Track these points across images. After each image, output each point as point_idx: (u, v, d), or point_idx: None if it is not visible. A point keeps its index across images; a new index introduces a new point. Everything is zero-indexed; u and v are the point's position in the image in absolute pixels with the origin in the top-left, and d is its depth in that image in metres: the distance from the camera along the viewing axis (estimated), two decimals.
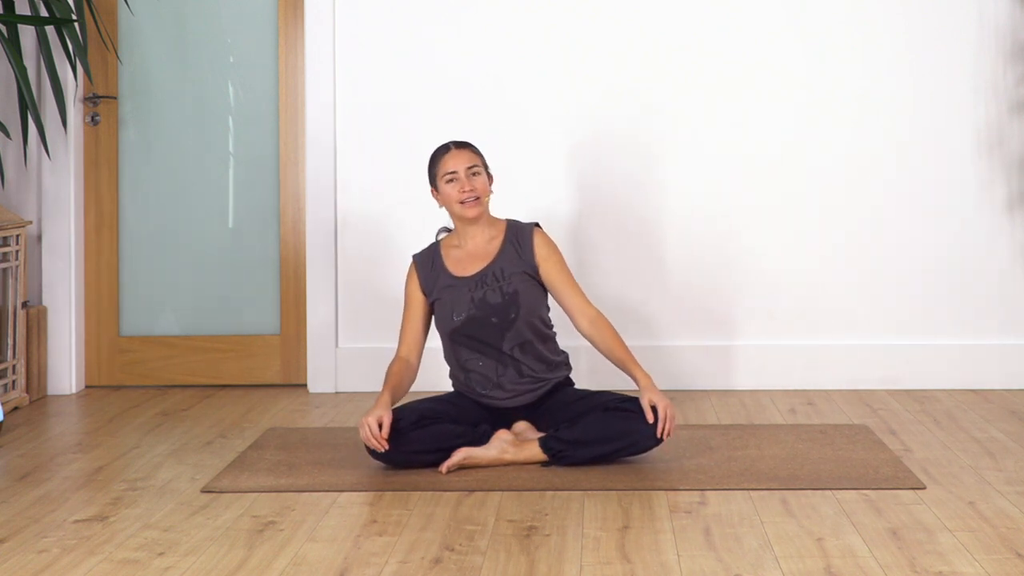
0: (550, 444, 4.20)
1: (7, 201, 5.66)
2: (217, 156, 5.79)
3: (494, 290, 4.35)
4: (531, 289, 4.38)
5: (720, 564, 3.25)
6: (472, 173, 4.37)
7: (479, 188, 4.36)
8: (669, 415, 4.17)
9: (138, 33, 5.78)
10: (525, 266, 4.39)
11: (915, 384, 5.60)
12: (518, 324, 4.33)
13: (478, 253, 4.42)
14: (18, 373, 5.36)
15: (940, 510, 3.72)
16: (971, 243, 5.59)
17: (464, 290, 4.36)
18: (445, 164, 4.37)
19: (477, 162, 4.39)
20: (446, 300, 4.37)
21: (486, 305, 4.34)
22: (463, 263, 4.41)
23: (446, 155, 4.39)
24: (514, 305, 4.34)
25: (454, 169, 4.36)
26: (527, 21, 5.63)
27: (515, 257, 4.39)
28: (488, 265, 4.38)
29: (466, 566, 3.26)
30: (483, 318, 4.33)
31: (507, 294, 4.34)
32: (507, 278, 4.37)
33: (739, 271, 5.63)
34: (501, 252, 4.40)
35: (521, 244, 4.41)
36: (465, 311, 4.34)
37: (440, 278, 4.40)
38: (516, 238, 4.42)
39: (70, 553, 3.40)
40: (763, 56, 5.60)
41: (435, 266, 4.43)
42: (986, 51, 5.57)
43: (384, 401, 4.19)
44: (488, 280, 4.36)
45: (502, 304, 4.33)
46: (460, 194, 4.34)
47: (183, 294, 5.81)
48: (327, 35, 5.64)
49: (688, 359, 5.62)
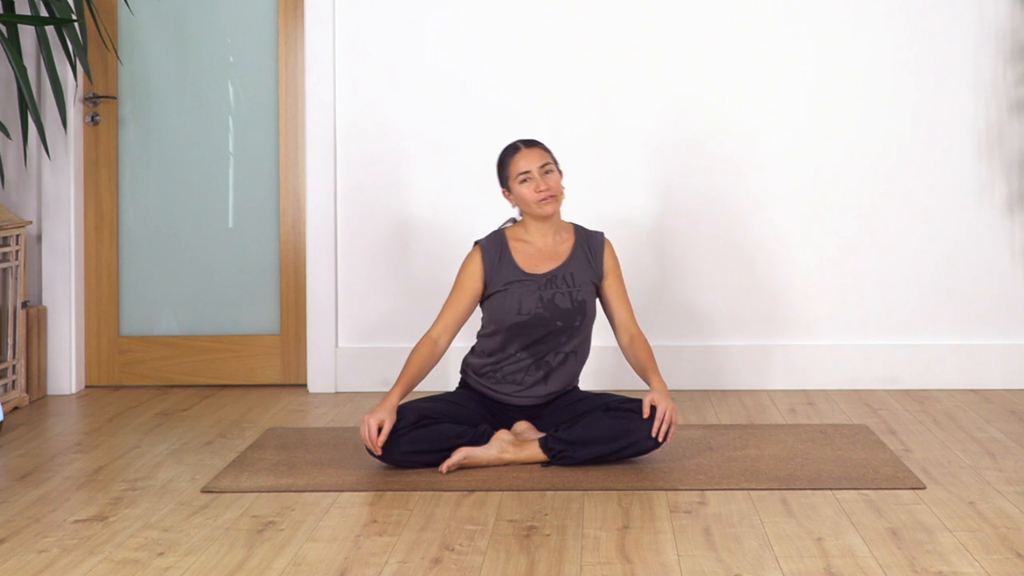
0: (550, 444, 4.20)
1: (7, 201, 5.66)
2: (217, 156, 5.79)
3: (563, 294, 4.34)
4: (594, 300, 4.40)
5: (720, 564, 3.25)
6: (545, 171, 4.33)
7: (554, 186, 4.32)
8: (668, 417, 4.17)
9: (138, 33, 5.78)
10: (593, 275, 4.38)
11: (915, 384, 5.60)
12: (578, 331, 4.35)
13: (548, 252, 4.39)
14: (18, 373, 5.36)
15: (940, 510, 3.72)
16: (971, 243, 5.60)
17: (533, 287, 4.33)
18: (517, 164, 4.33)
19: (548, 159, 4.36)
20: (513, 293, 4.34)
21: (555, 307, 4.32)
22: (533, 260, 4.37)
23: (516, 155, 4.35)
24: (581, 313, 4.34)
25: (527, 169, 4.32)
26: (527, 21, 5.63)
27: (585, 264, 4.38)
28: (559, 267, 4.36)
29: (466, 566, 3.26)
30: (549, 319, 4.32)
31: (576, 301, 4.34)
32: (577, 285, 4.35)
33: (738, 271, 5.63)
34: (573, 256, 4.38)
35: (592, 252, 4.40)
36: (532, 309, 4.32)
37: (507, 271, 4.36)
38: (587, 244, 4.41)
39: (70, 553, 3.40)
40: (762, 56, 5.60)
41: (502, 257, 4.37)
42: (986, 51, 5.57)
43: (391, 404, 4.17)
44: (558, 282, 4.35)
45: (571, 310, 4.33)
46: (536, 193, 4.30)
47: (183, 294, 5.81)
48: (327, 35, 5.64)
49: (688, 359, 5.62)
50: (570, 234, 4.43)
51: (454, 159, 5.65)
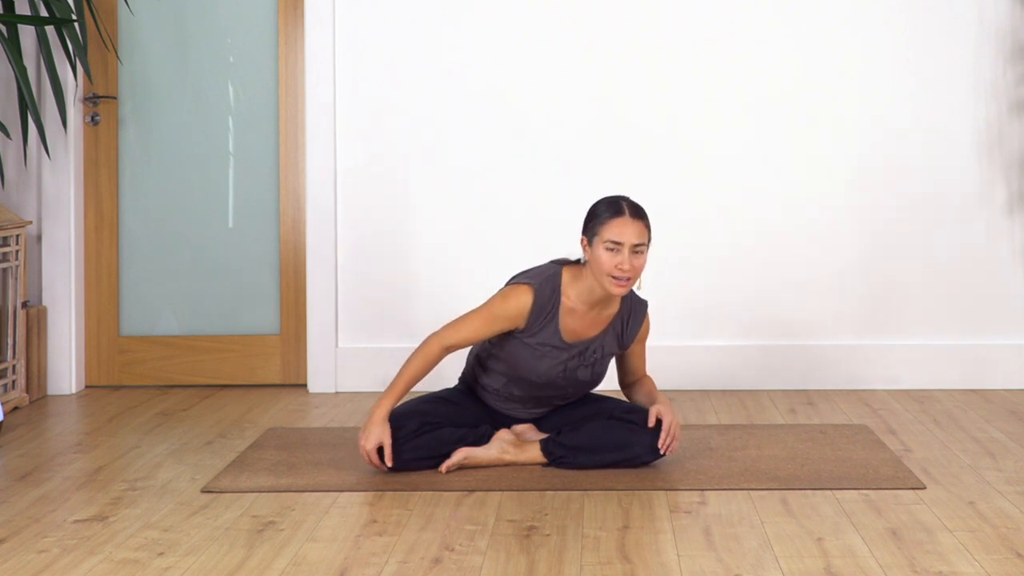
0: (551, 448, 4.20)
1: (7, 201, 5.66)
2: (217, 156, 5.79)
3: (587, 367, 4.17)
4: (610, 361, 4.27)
5: (720, 564, 3.25)
6: (636, 251, 3.98)
7: (637, 268, 3.98)
8: (673, 432, 4.15)
9: (138, 33, 5.78)
10: (621, 346, 4.21)
11: (915, 384, 5.60)
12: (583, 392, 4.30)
13: (591, 323, 4.14)
14: (18, 373, 5.36)
15: (940, 510, 3.72)
16: (971, 243, 5.60)
17: (562, 356, 4.13)
18: (612, 229, 3.96)
19: (645, 239, 3.99)
20: (540, 354, 4.13)
21: (573, 379, 4.19)
22: (575, 328, 4.12)
23: (617, 219, 3.98)
24: (596, 382, 4.24)
25: (620, 240, 3.96)
26: (527, 21, 5.63)
27: (615, 337, 4.17)
28: (594, 338, 4.15)
29: (466, 566, 3.25)
30: (563, 387, 4.22)
31: (596, 373, 4.20)
32: (604, 356, 4.18)
33: (738, 271, 5.63)
34: (609, 328, 4.16)
35: (631, 323, 4.18)
36: (551, 376, 4.17)
37: (547, 331, 4.10)
38: (627, 316, 4.17)
39: (70, 553, 3.40)
40: (762, 56, 5.60)
41: (550, 315, 4.09)
42: (986, 51, 5.57)
43: (381, 416, 4.08)
44: (587, 356, 4.15)
45: (588, 381, 4.22)
46: (616, 270, 3.96)
47: (183, 294, 5.81)
48: (327, 35, 5.64)
49: (688, 359, 5.62)
50: (617, 304, 4.17)
51: (454, 159, 5.64)
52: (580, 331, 4.14)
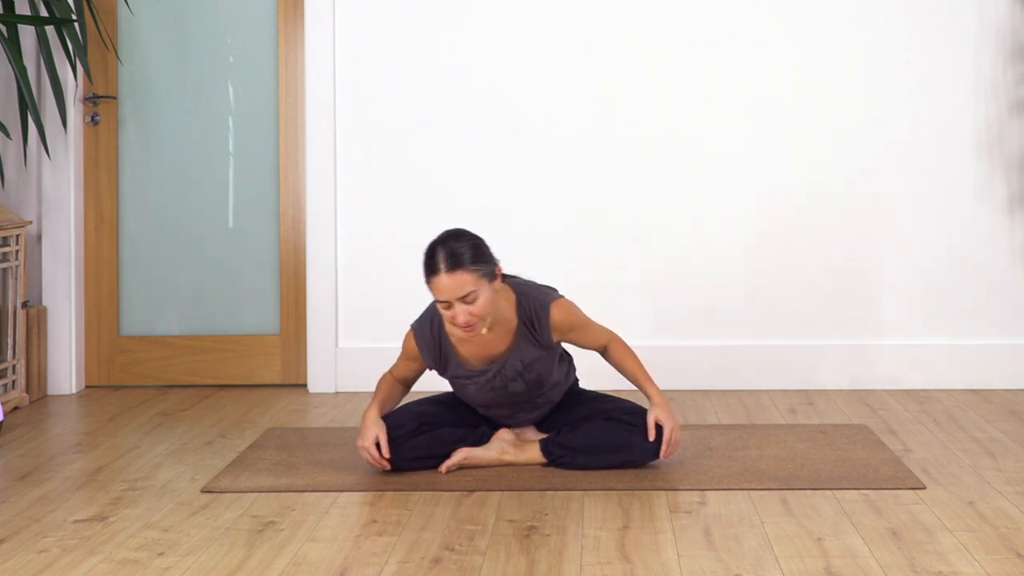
0: (550, 448, 4.20)
1: (7, 201, 5.66)
2: (217, 156, 5.79)
3: (516, 380, 4.12)
4: (549, 362, 4.14)
5: (720, 564, 3.25)
6: (467, 301, 3.88)
7: (478, 313, 3.89)
8: (674, 439, 4.13)
9: (138, 33, 5.78)
10: (543, 348, 4.10)
11: (915, 384, 5.60)
12: (545, 394, 4.23)
13: (491, 341, 4.08)
14: (18, 373, 5.36)
15: (940, 510, 3.72)
16: (971, 243, 5.60)
17: (482, 382, 4.12)
18: (435, 290, 3.88)
19: (470, 287, 3.86)
20: (462, 386, 4.15)
21: (509, 393, 4.16)
22: (476, 353, 4.09)
23: (434, 279, 3.87)
24: (538, 387, 4.17)
25: (445, 299, 3.88)
26: (527, 21, 5.63)
27: (532, 344, 4.08)
28: (505, 355, 4.09)
29: (466, 566, 3.25)
30: (507, 400, 4.20)
31: (529, 381, 4.13)
32: (527, 366, 4.10)
33: (738, 271, 5.63)
34: (517, 339, 4.07)
35: (537, 328, 4.06)
36: (486, 399, 4.18)
37: (451, 366, 4.12)
38: (530, 320, 4.06)
39: (70, 553, 3.40)
40: (762, 56, 5.60)
41: (442, 347, 4.12)
42: (986, 51, 5.57)
43: (373, 417, 4.12)
44: (508, 371, 4.10)
45: (526, 391, 4.17)
46: (452, 323, 3.92)
47: (183, 294, 5.81)
48: (327, 35, 5.64)
49: (688, 359, 5.62)
50: (512, 314, 4.06)
51: (454, 159, 5.64)
52: (483, 354, 4.09)
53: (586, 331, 4.16)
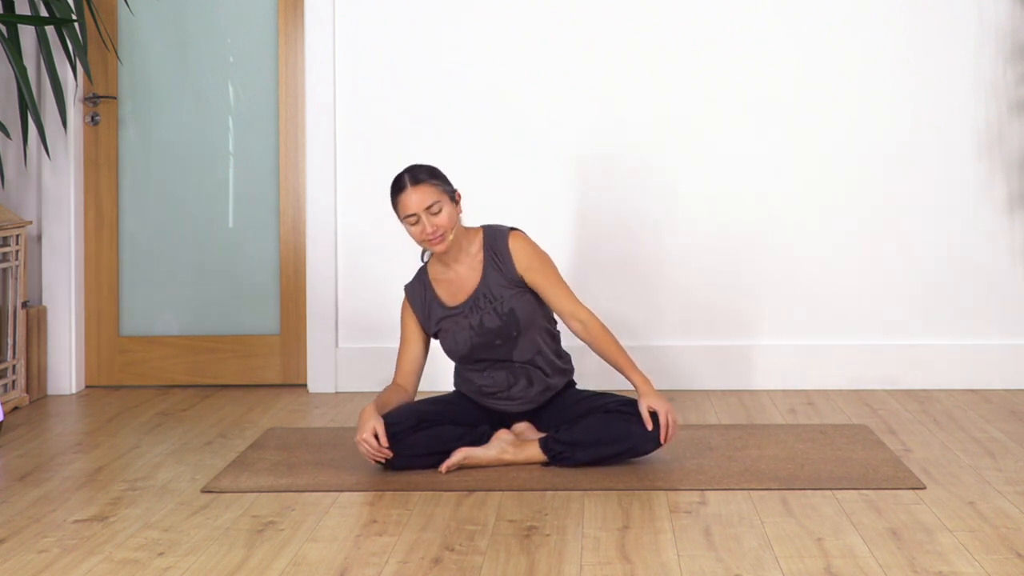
0: (550, 445, 4.20)
1: (7, 201, 5.66)
2: (217, 156, 5.79)
3: (489, 313, 4.25)
4: (524, 301, 4.27)
5: (720, 564, 3.25)
6: (432, 212, 4.16)
7: (442, 224, 4.16)
8: (671, 420, 4.16)
9: (138, 33, 5.78)
10: (509, 279, 4.26)
11: (915, 384, 5.60)
12: (522, 339, 4.28)
13: (464, 276, 4.29)
14: (18, 373, 5.36)
15: (940, 510, 3.72)
16: (971, 243, 5.60)
17: (461, 319, 4.26)
18: (402, 205, 4.16)
19: (435, 199, 4.15)
20: (447, 331, 4.30)
21: (486, 330, 4.26)
22: (453, 290, 4.30)
23: (401, 195, 4.17)
24: (513, 324, 4.25)
25: (412, 212, 4.15)
26: (527, 21, 5.63)
27: (497, 272, 4.26)
28: (477, 288, 4.27)
29: (466, 566, 3.26)
30: (487, 341, 4.27)
31: (503, 315, 4.24)
32: (498, 297, 4.25)
33: (738, 271, 5.63)
34: (484, 272, 4.27)
35: (499, 256, 4.26)
36: (468, 340, 4.27)
37: (434, 310, 4.31)
38: (493, 249, 4.27)
39: (70, 553, 3.40)
40: (761, 56, 5.60)
41: (427, 298, 4.32)
42: (986, 51, 5.57)
43: (370, 411, 4.14)
44: (481, 304, 4.26)
45: (502, 326, 4.25)
46: (423, 236, 4.17)
47: (183, 294, 5.81)
48: (327, 35, 5.64)
49: (688, 359, 5.62)
50: (479, 246, 4.30)
51: (454, 159, 5.64)
52: (459, 290, 4.30)
53: (551, 281, 4.28)
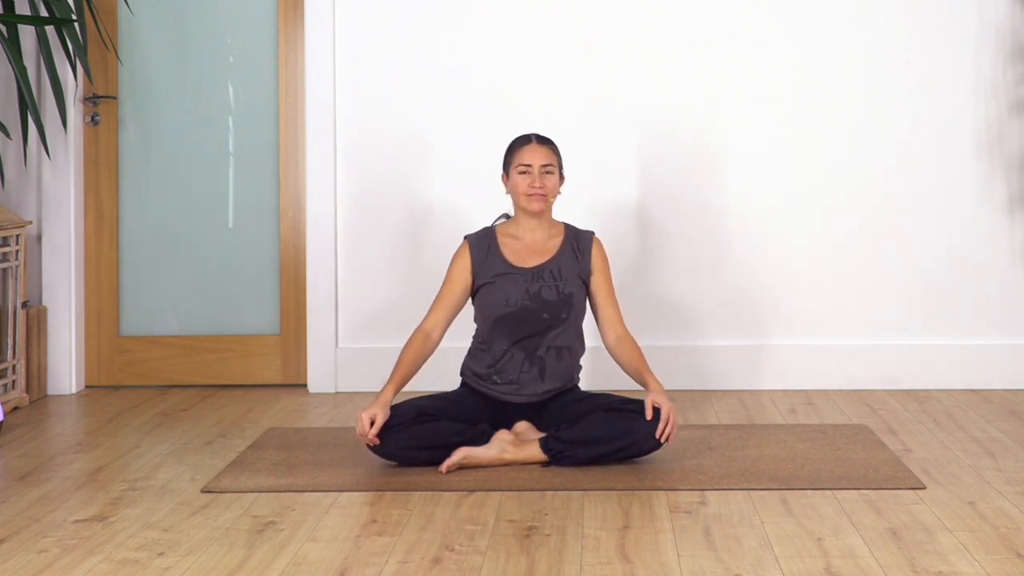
0: (550, 444, 4.20)
1: (7, 201, 5.66)
2: (217, 156, 5.79)
3: (550, 287, 4.38)
4: (582, 295, 4.44)
5: (720, 564, 3.25)
6: (546, 171, 4.41)
7: (548, 187, 4.40)
8: (672, 419, 4.17)
9: (138, 33, 5.78)
10: (581, 271, 4.43)
11: (915, 384, 5.60)
12: (566, 324, 4.37)
13: (536, 248, 4.44)
14: (18, 373, 5.36)
15: (940, 510, 3.72)
16: (971, 243, 5.60)
17: (520, 280, 4.38)
18: (522, 155, 4.41)
19: (553, 161, 4.43)
20: (500, 286, 4.38)
21: (541, 300, 4.37)
22: (521, 254, 4.43)
23: (526, 147, 4.43)
24: (568, 306, 4.38)
25: (529, 163, 4.39)
26: (527, 21, 5.63)
27: (573, 260, 4.44)
28: (547, 261, 4.42)
29: (466, 566, 3.26)
30: (536, 311, 4.36)
31: (563, 294, 4.38)
32: (564, 278, 4.41)
33: (738, 272, 5.63)
34: (561, 252, 4.44)
35: (580, 249, 4.45)
36: (519, 301, 4.36)
37: (495, 264, 4.41)
38: (576, 241, 4.47)
39: (70, 553, 3.40)
40: (761, 56, 5.60)
41: (491, 251, 4.44)
42: (986, 51, 5.57)
43: (384, 399, 4.18)
44: (545, 276, 4.40)
45: (557, 302, 4.37)
46: (529, 188, 4.37)
47: (183, 294, 5.81)
48: (327, 35, 5.64)
49: (687, 359, 5.62)
50: (560, 232, 4.49)
51: (454, 159, 5.65)
52: (527, 257, 4.43)
53: (609, 288, 4.47)
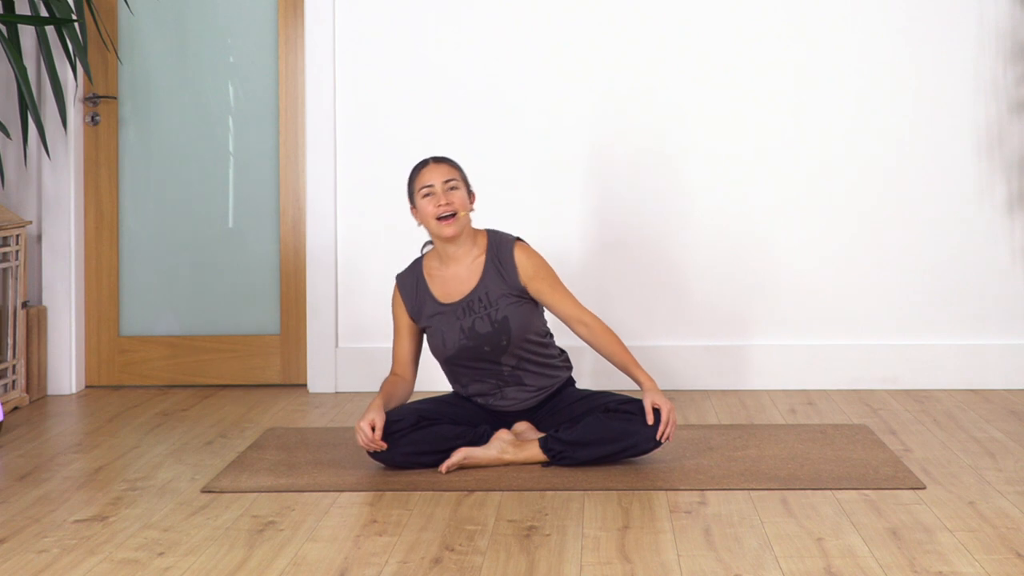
0: (550, 445, 4.20)
1: (7, 201, 5.66)
2: (217, 156, 5.80)
3: (482, 318, 4.23)
4: (520, 311, 4.25)
5: (720, 564, 3.25)
6: (449, 187, 4.22)
7: (456, 203, 4.20)
8: (672, 419, 4.17)
9: (138, 33, 5.78)
10: (511, 287, 4.25)
11: (915, 384, 5.60)
12: (511, 349, 4.26)
13: (461, 275, 4.28)
14: (18, 373, 5.36)
15: (940, 510, 3.72)
16: (971, 243, 5.60)
17: (452, 317, 4.25)
18: (422, 178, 4.24)
19: (455, 176, 4.25)
20: (436, 328, 4.27)
21: (476, 335, 4.24)
22: (448, 287, 4.29)
23: (423, 169, 4.27)
24: (504, 332, 4.23)
25: (430, 183, 4.22)
26: (527, 22, 5.63)
27: (499, 279, 4.25)
28: (473, 289, 4.25)
29: (466, 566, 3.26)
30: (477, 347, 4.25)
31: (496, 322, 4.22)
32: (494, 303, 4.23)
33: (739, 272, 5.63)
34: (484, 274, 4.26)
35: (503, 263, 4.26)
36: (456, 341, 4.24)
37: (426, 304, 4.29)
38: (497, 256, 4.27)
39: (70, 553, 3.40)
40: (762, 56, 5.60)
41: (419, 291, 4.31)
42: (986, 51, 5.57)
43: (376, 405, 4.17)
44: (475, 307, 4.24)
45: (492, 332, 4.23)
46: (436, 208, 4.19)
47: (183, 294, 5.81)
48: (327, 35, 5.64)
49: (688, 359, 5.62)
50: (482, 247, 4.30)
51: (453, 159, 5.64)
52: (454, 288, 4.29)
53: (555, 289, 4.29)
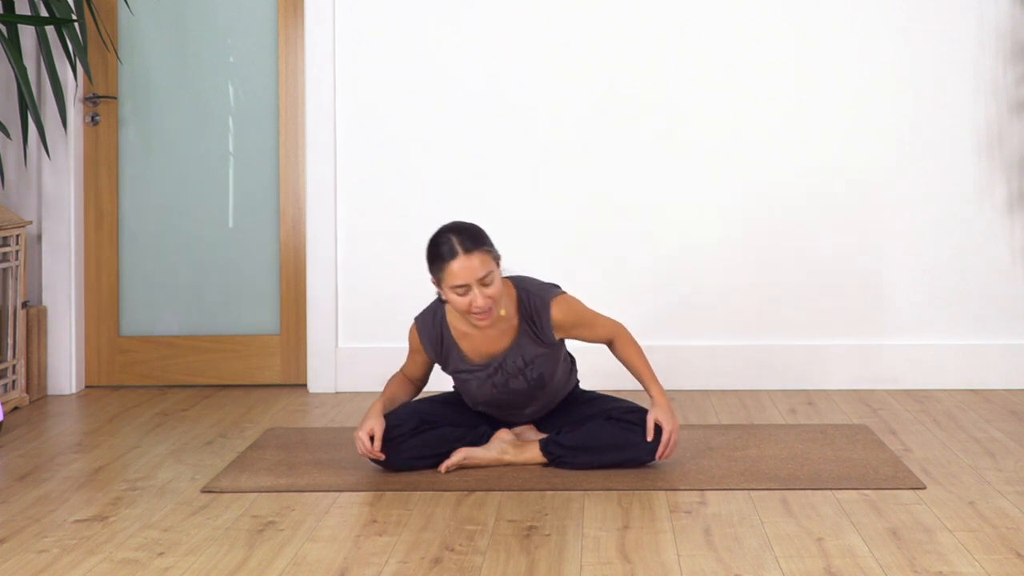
0: (550, 448, 4.19)
1: (7, 201, 5.66)
2: (217, 156, 5.80)
3: (516, 377, 4.11)
4: (552, 359, 4.13)
5: (720, 564, 3.25)
6: (484, 283, 3.87)
7: (494, 295, 3.89)
8: (673, 440, 4.14)
9: (138, 33, 5.78)
10: (545, 346, 4.09)
11: (915, 384, 5.60)
12: (544, 398, 4.22)
13: (491, 336, 4.08)
14: (18, 373, 5.36)
15: (940, 510, 3.72)
16: (971, 243, 5.60)
17: (483, 376, 4.12)
18: (453, 274, 3.85)
19: (490, 267, 3.87)
20: (464, 382, 4.16)
21: (510, 391, 4.15)
22: (476, 345, 4.09)
23: (453, 263, 3.85)
24: (540, 386, 4.15)
25: (464, 282, 3.86)
26: (527, 22, 5.63)
27: (534, 341, 4.07)
28: (506, 350, 4.08)
29: (466, 566, 3.26)
30: (507, 399, 4.19)
31: (532, 379, 4.12)
32: (529, 362, 4.09)
33: (739, 272, 5.63)
34: (519, 336, 4.06)
35: (539, 325, 4.04)
36: (488, 394, 4.16)
37: (451, 357, 4.13)
38: (531, 317, 4.04)
39: (70, 553, 3.40)
40: (762, 56, 5.60)
41: (444, 344, 4.12)
42: (986, 51, 5.57)
43: (375, 411, 4.14)
44: (508, 367, 4.10)
45: (528, 389, 4.15)
46: (473, 308, 3.89)
47: (183, 294, 5.81)
48: (327, 35, 5.64)
49: (688, 359, 5.62)
50: (513, 310, 4.06)
51: (453, 159, 5.65)
52: (485, 349, 4.10)
53: (591, 327, 4.15)
